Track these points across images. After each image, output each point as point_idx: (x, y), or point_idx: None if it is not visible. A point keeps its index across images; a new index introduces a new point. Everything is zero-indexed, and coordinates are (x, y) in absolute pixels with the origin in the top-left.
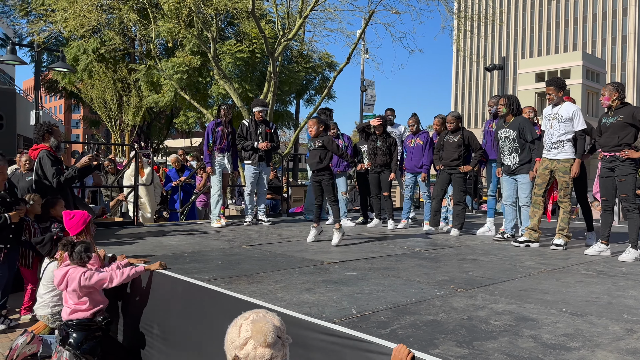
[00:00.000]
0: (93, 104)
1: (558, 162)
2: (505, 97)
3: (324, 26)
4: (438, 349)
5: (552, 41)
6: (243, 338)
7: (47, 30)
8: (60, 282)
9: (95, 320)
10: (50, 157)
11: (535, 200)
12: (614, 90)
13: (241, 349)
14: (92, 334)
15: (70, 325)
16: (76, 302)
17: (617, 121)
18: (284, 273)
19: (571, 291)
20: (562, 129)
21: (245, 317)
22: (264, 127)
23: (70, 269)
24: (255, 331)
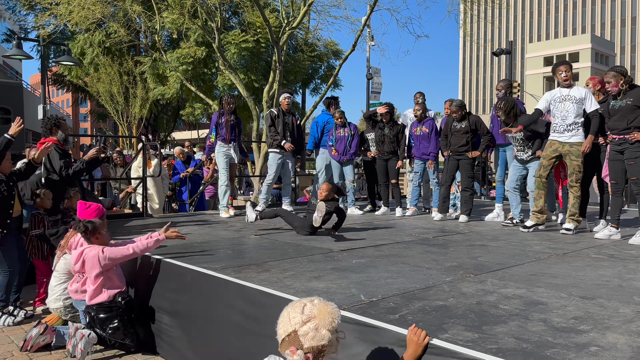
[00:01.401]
0: (100, 97)
1: (571, 146)
2: (501, 100)
3: (329, 13)
4: (447, 334)
5: (560, 24)
6: (306, 316)
7: (52, 24)
8: (76, 262)
9: (115, 301)
10: (58, 151)
11: (540, 182)
12: (619, 75)
13: (302, 325)
14: (114, 314)
15: (94, 309)
16: (94, 283)
17: (626, 104)
18: (292, 261)
19: (581, 275)
20: (576, 110)
21: (310, 299)
22: (291, 117)
23: (86, 249)
24: (322, 312)
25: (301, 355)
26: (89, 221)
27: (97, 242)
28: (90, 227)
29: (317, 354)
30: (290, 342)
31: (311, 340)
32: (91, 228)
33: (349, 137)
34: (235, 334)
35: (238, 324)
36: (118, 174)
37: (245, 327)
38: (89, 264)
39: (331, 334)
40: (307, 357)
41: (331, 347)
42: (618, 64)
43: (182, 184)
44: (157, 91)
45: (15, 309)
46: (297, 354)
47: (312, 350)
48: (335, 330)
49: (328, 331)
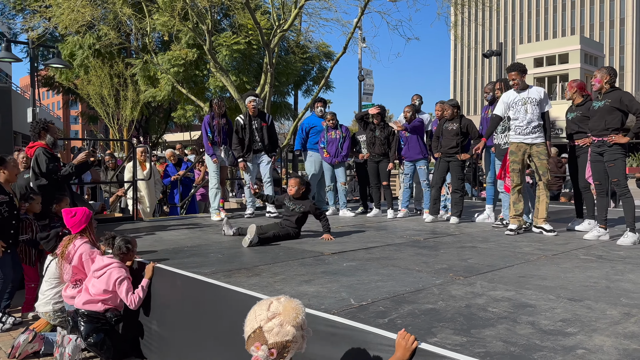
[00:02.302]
0: (90, 99)
1: (538, 146)
2: (501, 81)
3: (320, 16)
4: (436, 337)
5: (550, 25)
6: (272, 313)
7: (41, 26)
8: (99, 269)
9: (105, 315)
10: (46, 155)
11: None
12: (607, 74)
13: (267, 321)
14: (100, 327)
15: (81, 314)
16: (97, 294)
17: (604, 105)
18: (283, 265)
19: (570, 276)
20: (538, 112)
21: (277, 297)
22: (259, 120)
23: (114, 264)
24: (287, 309)
25: (265, 350)
26: (127, 242)
27: (127, 259)
28: (126, 250)
29: (281, 349)
30: (256, 338)
31: (275, 336)
32: (126, 250)
33: (341, 139)
34: (225, 339)
35: (228, 329)
36: (109, 176)
37: (235, 332)
38: (104, 279)
39: (296, 330)
40: (272, 353)
41: (296, 343)
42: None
43: (173, 186)
44: (148, 93)
45: (4, 315)
46: (262, 349)
47: (277, 345)
48: (301, 327)
49: (292, 327)
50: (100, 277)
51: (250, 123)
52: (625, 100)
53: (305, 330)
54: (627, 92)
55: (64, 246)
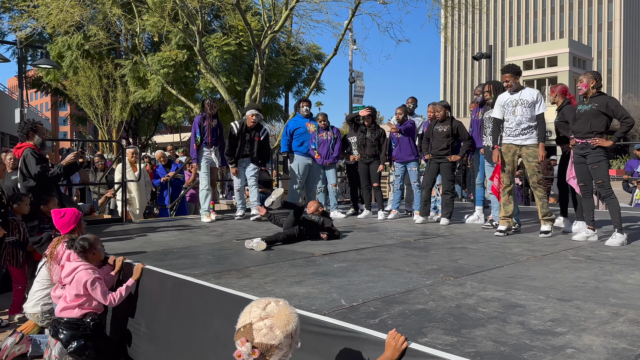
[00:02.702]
0: (79, 100)
1: (527, 148)
2: (490, 83)
3: (311, 17)
4: (426, 338)
5: (539, 29)
6: (265, 313)
7: (29, 26)
8: (67, 275)
9: (84, 320)
10: (34, 156)
11: (510, 190)
12: (592, 79)
13: (259, 320)
14: (80, 333)
15: (61, 323)
16: (72, 300)
17: (591, 109)
18: (274, 266)
19: (559, 277)
20: (529, 114)
21: (276, 300)
22: (253, 134)
23: (81, 267)
24: (280, 313)
25: (249, 348)
26: (85, 239)
27: (93, 258)
28: (87, 246)
29: (264, 351)
30: (244, 333)
31: (262, 337)
32: (88, 246)
33: (332, 141)
34: (216, 340)
35: (218, 331)
36: (98, 178)
37: (225, 334)
38: (75, 283)
39: (284, 337)
40: (254, 352)
41: (281, 350)
42: (595, 69)
43: (163, 188)
44: (137, 94)
45: None
46: (246, 345)
47: (261, 346)
48: (291, 336)
49: (282, 333)
50: (70, 282)
51: (243, 134)
52: (611, 105)
53: (294, 341)
54: (613, 97)
55: (53, 247)
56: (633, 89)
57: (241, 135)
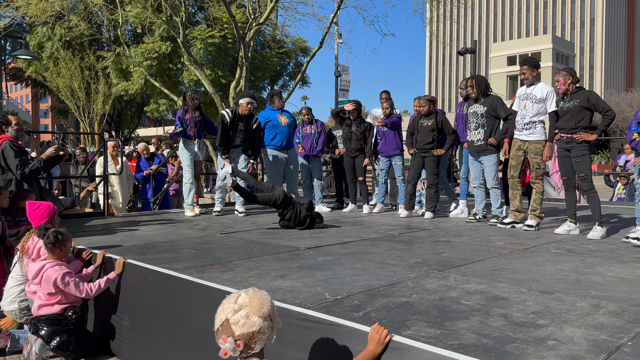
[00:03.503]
0: (60, 92)
1: (530, 144)
2: (473, 78)
3: (296, 10)
4: (410, 330)
5: (523, 24)
6: (238, 305)
7: (8, 16)
8: (34, 277)
9: (65, 314)
10: (13, 148)
11: (512, 182)
12: (568, 75)
13: (233, 313)
14: (62, 328)
15: (41, 320)
16: (47, 299)
17: (574, 105)
18: (258, 260)
19: (541, 270)
20: (535, 110)
21: (245, 290)
22: (245, 123)
23: (47, 265)
24: (253, 300)
25: (231, 342)
26: (59, 232)
27: (59, 254)
28: (60, 238)
29: (248, 340)
30: (223, 330)
31: (242, 328)
32: (60, 239)
33: (316, 135)
34: (199, 335)
35: (201, 325)
36: (80, 171)
37: (208, 328)
38: (45, 283)
39: (263, 320)
40: (238, 344)
41: (264, 334)
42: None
43: (146, 181)
44: (120, 87)
45: None
46: (228, 341)
47: (243, 337)
48: (270, 318)
49: (259, 317)
50: (40, 283)
51: (236, 123)
52: (592, 99)
53: (275, 322)
54: (593, 91)
55: (25, 240)
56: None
57: (234, 124)
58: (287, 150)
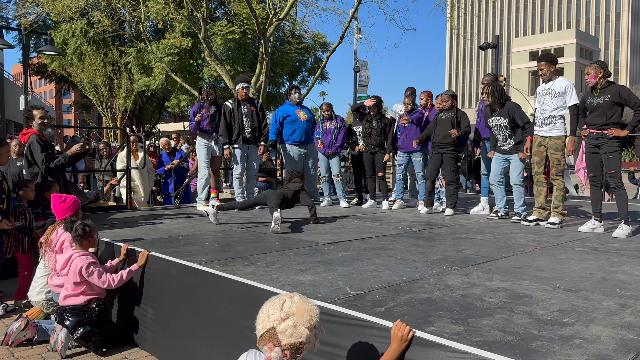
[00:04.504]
0: (83, 87)
1: (550, 139)
2: (489, 85)
3: (316, 5)
4: (433, 326)
5: (546, 19)
6: (285, 313)
7: (34, 12)
8: (63, 267)
9: (89, 306)
10: (40, 143)
11: (538, 179)
12: (599, 68)
13: (280, 322)
14: (86, 319)
15: (66, 310)
16: (73, 289)
17: (604, 101)
18: (278, 254)
19: (565, 267)
20: (554, 104)
21: (289, 295)
22: (249, 105)
23: (75, 255)
24: (301, 310)
25: (279, 352)
26: (86, 224)
27: (87, 245)
28: (88, 230)
29: (294, 351)
30: (269, 338)
31: (289, 338)
32: (88, 231)
33: (335, 130)
34: (220, 327)
35: (223, 317)
36: (103, 165)
37: (230, 321)
38: (72, 272)
39: (309, 331)
40: (285, 354)
41: (309, 344)
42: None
43: (168, 176)
44: (142, 82)
45: None
46: (275, 350)
47: (290, 347)
48: (314, 327)
49: (306, 329)
50: (67, 273)
51: (239, 107)
52: (624, 94)
53: (317, 330)
54: (624, 85)
55: (48, 233)
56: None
57: (238, 109)
58: (305, 145)
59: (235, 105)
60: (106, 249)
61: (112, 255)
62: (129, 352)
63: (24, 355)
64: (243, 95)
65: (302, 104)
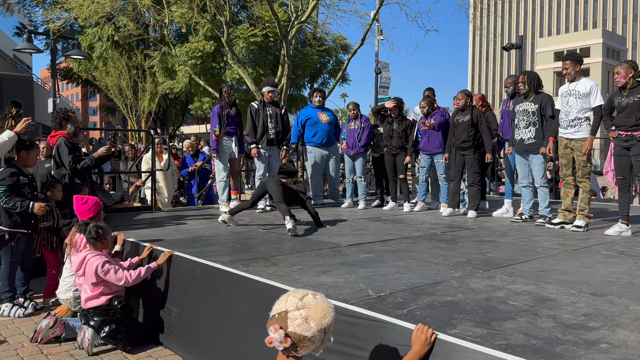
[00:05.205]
0: (109, 91)
1: (576, 142)
2: (525, 74)
3: (338, 7)
4: (456, 329)
5: (571, 18)
6: (302, 303)
7: (61, 18)
8: (79, 268)
9: (112, 304)
10: (68, 145)
11: (566, 181)
12: (630, 68)
13: (295, 309)
14: (110, 317)
15: (90, 312)
16: (92, 290)
17: (633, 101)
18: (300, 255)
19: (591, 271)
20: (579, 105)
21: (315, 293)
22: (274, 108)
23: (89, 255)
24: (317, 306)
25: (281, 335)
26: (99, 226)
27: (101, 247)
28: (101, 233)
29: (297, 341)
30: (279, 320)
31: (296, 327)
32: (101, 233)
33: (359, 130)
34: (243, 326)
35: (245, 317)
36: (129, 167)
37: (252, 320)
38: (88, 273)
39: (318, 330)
40: (286, 341)
41: (313, 344)
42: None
43: (191, 177)
44: (165, 85)
45: (26, 300)
46: (279, 332)
47: (294, 336)
48: (325, 331)
49: (316, 325)
50: (84, 274)
51: (264, 109)
52: None
53: (327, 337)
54: None
55: (72, 234)
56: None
57: (263, 111)
58: (327, 147)
59: (260, 106)
60: (131, 249)
61: (137, 255)
62: (153, 351)
63: (53, 352)
64: (269, 98)
65: (325, 105)
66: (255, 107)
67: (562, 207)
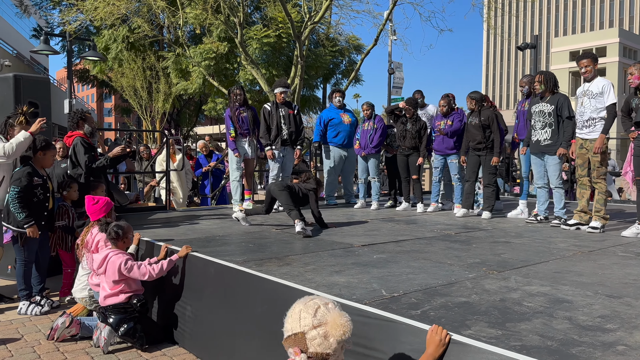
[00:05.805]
0: (124, 92)
1: (590, 142)
2: (542, 73)
3: (351, 8)
4: (470, 330)
5: (587, 17)
6: (318, 320)
7: (77, 20)
8: (100, 266)
9: (130, 302)
10: (84, 144)
11: (582, 182)
12: None
13: (312, 329)
14: (129, 316)
15: (108, 309)
16: (112, 288)
17: None
18: (313, 255)
19: (607, 273)
20: (593, 105)
21: (324, 302)
22: (286, 109)
23: (111, 253)
24: (335, 323)
25: (304, 358)
26: (119, 226)
27: (122, 246)
28: (121, 233)
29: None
30: (296, 341)
31: (317, 347)
32: (122, 233)
33: (372, 131)
34: (256, 326)
35: (259, 317)
36: (143, 167)
37: (266, 320)
38: (110, 270)
39: (338, 344)
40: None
41: (334, 355)
42: None
43: (204, 177)
44: (180, 86)
45: (42, 299)
46: (301, 356)
47: (316, 356)
48: (344, 342)
49: (336, 341)
50: (105, 272)
51: (277, 110)
52: None
53: (346, 342)
54: None
55: (83, 234)
56: None
57: (276, 112)
58: (347, 148)
59: (273, 107)
60: (147, 248)
61: (152, 254)
62: (168, 349)
63: (69, 349)
64: (281, 99)
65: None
66: (268, 109)
67: (578, 209)
